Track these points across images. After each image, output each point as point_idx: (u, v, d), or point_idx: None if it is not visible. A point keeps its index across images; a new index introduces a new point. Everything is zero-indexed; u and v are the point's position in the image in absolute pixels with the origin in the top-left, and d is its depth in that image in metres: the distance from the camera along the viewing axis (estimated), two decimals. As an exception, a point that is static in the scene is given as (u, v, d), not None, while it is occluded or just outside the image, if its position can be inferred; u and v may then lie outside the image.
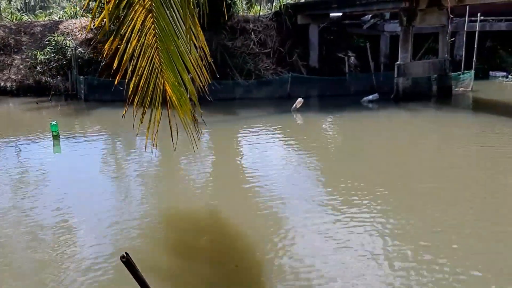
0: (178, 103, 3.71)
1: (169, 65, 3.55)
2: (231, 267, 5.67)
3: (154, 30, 3.49)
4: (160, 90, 3.68)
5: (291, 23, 22.22)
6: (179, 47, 3.51)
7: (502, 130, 12.71)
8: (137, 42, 3.48)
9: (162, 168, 10.13)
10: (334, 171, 9.59)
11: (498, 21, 22.65)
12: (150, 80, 3.64)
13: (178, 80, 3.59)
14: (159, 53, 3.58)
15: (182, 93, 3.66)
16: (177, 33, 3.48)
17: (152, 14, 3.41)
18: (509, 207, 7.32)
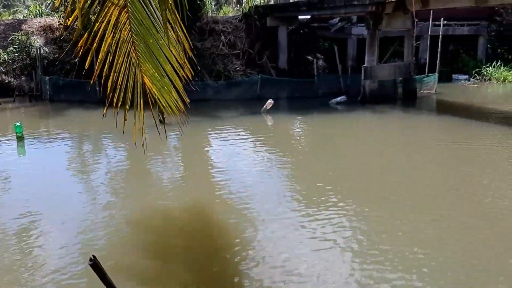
0: (159, 93, 3.72)
1: (148, 58, 3.56)
2: (206, 267, 5.68)
3: (129, 25, 3.49)
4: (140, 84, 3.67)
5: (260, 25, 22.34)
6: (158, 40, 3.53)
7: (464, 129, 13.24)
8: (112, 38, 3.47)
9: (131, 169, 10.02)
10: (304, 171, 9.72)
11: (461, 25, 23.43)
12: (129, 75, 3.63)
13: (159, 71, 3.60)
14: (135, 47, 3.58)
15: (164, 84, 3.67)
16: (156, 26, 3.50)
17: (127, 9, 3.42)
18: (476, 198, 7.60)
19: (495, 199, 7.88)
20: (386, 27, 17.51)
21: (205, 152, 11.69)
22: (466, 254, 5.88)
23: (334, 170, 9.64)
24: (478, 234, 6.45)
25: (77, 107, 16.84)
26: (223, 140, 12.54)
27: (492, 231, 6.57)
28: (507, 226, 6.76)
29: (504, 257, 5.75)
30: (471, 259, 5.75)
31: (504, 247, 6.00)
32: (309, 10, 20.76)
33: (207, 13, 24.21)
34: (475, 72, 22.87)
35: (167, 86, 3.67)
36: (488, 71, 22.75)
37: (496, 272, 5.39)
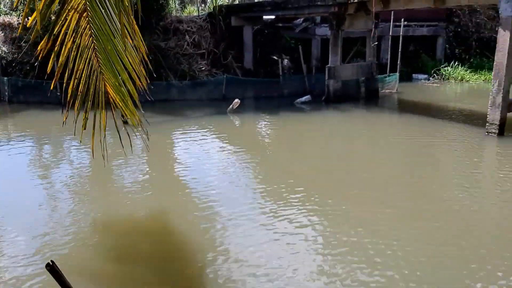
0: (122, 104, 3.64)
1: (108, 65, 3.48)
2: (174, 269, 5.65)
3: (90, 30, 3.41)
4: (102, 92, 3.58)
5: (225, 24, 22.32)
6: (116, 46, 3.45)
7: (423, 126, 13.68)
8: (72, 43, 3.38)
9: (94, 172, 9.83)
10: (271, 169, 9.80)
11: (420, 26, 24.11)
12: (90, 83, 3.53)
13: (119, 80, 3.53)
14: (96, 54, 3.49)
15: (124, 94, 3.60)
16: (114, 32, 3.42)
17: (87, 13, 3.33)
18: (433, 190, 7.87)
19: (453, 191, 8.19)
20: (348, 27, 17.83)
21: (171, 152, 11.60)
22: (425, 241, 6.08)
23: (300, 168, 9.78)
24: (436, 223, 6.68)
25: (37, 108, 16.36)
26: (189, 140, 12.47)
27: (449, 219, 6.82)
28: (462, 215, 7.04)
29: (462, 244, 5.99)
30: (432, 247, 5.95)
31: (461, 235, 6.25)
32: (273, 10, 20.90)
33: (171, 13, 23.99)
34: (434, 71, 23.60)
35: (124, 96, 3.60)
36: (447, 70, 23.52)
37: (456, 257, 5.61)
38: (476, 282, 5.22)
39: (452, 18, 25.50)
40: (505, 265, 5.56)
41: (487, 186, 8.91)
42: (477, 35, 25.58)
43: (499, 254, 5.84)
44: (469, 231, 6.62)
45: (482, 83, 22.20)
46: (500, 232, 6.67)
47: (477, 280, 5.24)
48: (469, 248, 6.05)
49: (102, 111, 3.60)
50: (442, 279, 5.26)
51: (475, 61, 24.61)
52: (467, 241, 6.27)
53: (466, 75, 23.13)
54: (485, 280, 5.24)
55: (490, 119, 11.91)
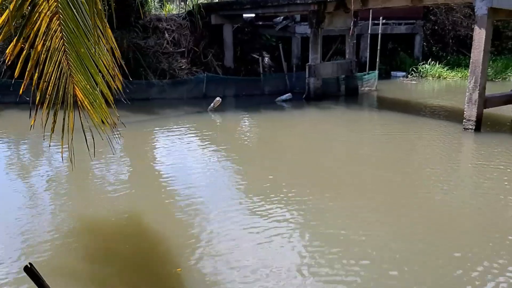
0: (90, 107, 3.60)
1: (80, 68, 3.43)
2: (154, 269, 5.61)
3: (61, 33, 3.35)
4: (70, 95, 3.53)
5: (205, 23, 22.23)
6: (90, 49, 3.40)
7: (402, 122, 13.90)
8: (42, 46, 3.31)
9: (75, 174, 9.66)
10: (252, 167, 9.80)
11: (398, 24, 24.42)
12: (59, 85, 3.48)
13: (91, 83, 3.48)
14: (67, 56, 3.44)
15: (96, 97, 3.55)
16: (87, 35, 3.37)
17: (59, 16, 3.27)
18: (412, 184, 7.99)
19: (431, 186, 8.34)
20: (328, 26, 17.95)
21: (151, 152, 11.50)
22: (402, 234, 6.18)
23: (281, 165, 9.82)
24: (414, 216, 6.79)
25: (11, 108, 16.03)
26: (170, 139, 12.40)
27: (427, 212, 6.93)
28: (440, 208, 7.17)
29: (438, 237, 6.11)
30: (409, 238, 6.04)
31: (438, 228, 6.37)
32: (253, 9, 20.90)
33: (150, 11, 23.79)
34: (412, 69, 23.94)
35: (98, 99, 3.56)
36: (424, 68, 23.88)
37: (430, 247, 5.71)
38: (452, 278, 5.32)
39: (429, 16, 25.91)
40: (482, 258, 5.68)
41: (463, 180, 9.09)
42: (453, 33, 26.05)
43: (475, 247, 5.96)
44: (445, 224, 6.74)
45: (459, 80, 22.62)
46: (476, 225, 6.82)
47: (455, 278, 5.35)
48: (446, 240, 6.16)
49: (71, 113, 3.55)
50: (418, 271, 5.35)
51: (452, 59, 25.07)
52: (443, 234, 6.38)
53: (443, 72, 23.54)
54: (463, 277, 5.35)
55: (467, 115, 12.14)
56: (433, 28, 25.99)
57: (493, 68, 22.46)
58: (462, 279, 5.23)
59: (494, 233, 6.41)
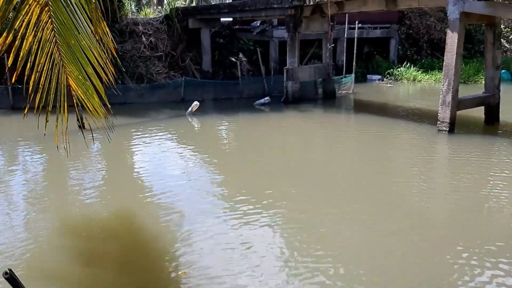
0: (84, 97, 3.63)
1: (71, 59, 3.47)
2: (135, 271, 5.59)
3: (51, 25, 3.38)
4: (64, 85, 3.55)
5: (182, 26, 22.20)
6: (80, 41, 3.45)
7: (377, 124, 14.10)
8: (33, 37, 3.34)
9: (52, 177, 9.57)
10: (231, 170, 9.82)
11: (374, 28, 24.82)
12: (52, 76, 3.50)
13: (83, 74, 3.52)
14: (59, 47, 3.47)
15: (88, 87, 3.59)
16: (78, 27, 3.42)
17: (49, 7, 3.31)
18: (386, 183, 8.14)
19: (405, 187, 8.50)
20: (305, 30, 18.13)
21: (130, 156, 11.41)
22: (377, 236, 6.30)
23: (259, 168, 9.86)
24: (387, 217, 6.91)
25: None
26: (148, 143, 12.32)
27: (401, 213, 7.07)
28: (414, 209, 7.32)
29: (412, 238, 6.24)
30: (382, 239, 6.16)
31: (412, 229, 6.51)
32: (230, 13, 20.98)
33: (127, 15, 23.63)
34: (387, 72, 24.34)
35: (89, 89, 3.61)
36: (399, 71, 24.31)
37: (408, 248, 5.83)
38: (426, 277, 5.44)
39: (404, 20, 26.40)
40: (457, 256, 5.82)
41: (437, 181, 9.30)
42: (427, 37, 26.59)
43: (450, 247, 6.11)
44: (420, 225, 6.88)
45: (433, 83, 23.09)
46: (450, 225, 6.99)
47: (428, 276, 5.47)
48: (419, 241, 6.30)
49: (65, 103, 3.58)
50: (391, 269, 5.46)
51: (426, 62, 25.57)
52: (417, 235, 6.52)
53: (418, 76, 23.99)
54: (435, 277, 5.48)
55: (441, 117, 12.41)
56: (408, 32, 26.49)
57: (465, 71, 23.01)
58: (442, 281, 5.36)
59: (470, 233, 6.57)
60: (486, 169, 9.61)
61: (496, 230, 6.63)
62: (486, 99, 13.39)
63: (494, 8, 11.29)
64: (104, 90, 3.74)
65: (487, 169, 9.61)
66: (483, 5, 11.37)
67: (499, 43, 13.26)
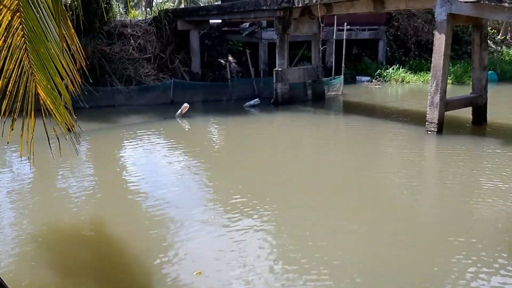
0: (53, 107, 3.57)
1: (40, 67, 3.42)
2: (121, 276, 5.53)
3: (22, 31, 3.33)
4: (32, 94, 3.50)
5: (171, 28, 22.13)
6: (49, 50, 3.40)
7: (367, 125, 14.15)
8: (3, 42, 3.29)
9: (37, 181, 9.44)
10: (221, 176, 9.77)
11: (362, 30, 24.96)
12: (20, 83, 3.45)
13: (51, 83, 3.47)
14: (28, 55, 3.42)
15: (56, 97, 3.54)
16: (47, 35, 3.37)
17: (20, 14, 3.26)
18: (376, 183, 8.17)
19: (395, 187, 8.55)
20: (294, 31, 18.16)
21: (118, 159, 11.32)
22: (365, 235, 6.32)
23: (249, 170, 9.84)
24: (377, 217, 6.94)
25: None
26: (137, 146, 12.23)
27: (390, 213, 7.10)
28: (403, 209, 7.36)
29: (400, 239, 6.27)
30: (370, 240, 6.18)
31: (400, 229, 6.54)
32: (219, 15, 20.95)
33: (115, 17, 23.50)
34: (376, 73, 24.48)
35: (57, 99, 3.55)
36: (388, 72, 24.47)
37: (396, 250, 5.85)
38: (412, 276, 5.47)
39: (392, 22, 26.58)
40: (444, 256, 5.86)
41: (425, 181, 9.36)
42: (415, 38, 26.82)
43: (437, 246, 6.15)
44: (407, 225, 6.92)
45: (421, 84, 23.26)
46: (440, 226, 7.03)
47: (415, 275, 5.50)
48: (408, 242, 6.33)
49: (32, 112, 3.53)
50: (378, 270, 5.48)
51: (414, 63, 25.77)
52: (406, 235, 6.55)
53: (406, 77, 24.17)
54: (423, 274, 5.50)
55: (429, 118, 12.50)
56: (396, 33, 26.67)
57: (453, 72, 23.23)
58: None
59: (457, 234, 6.62)
60: (474, 169, 9.68)
61: (483, 228, 6.67)
62: (473, 99, 13.51)
63: (481, 10, 11.39)
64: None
65: (475, 169, 9.69)
66: (470, 7, 11.47)
67: (485, 44, 13.39)
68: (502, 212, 7.19)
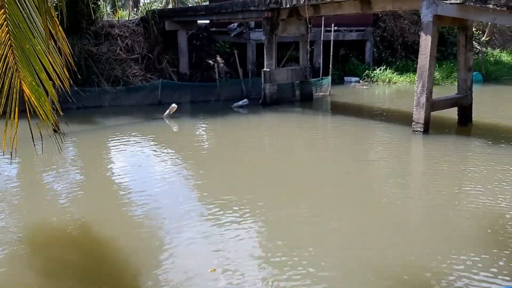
0: (37, 103, 3.55)
1: (25, 64, 3.39)
2: (108, 279, 5.50)
3: (7, 27, 3.31)
4: (16, 90, 3.47)
5: (159, 29, 22.05)
6: (35, 46, 3.39)
7: (354, 126, 14.26)
8: None
9: (22, 184, 9.34)
10: (210, 176, 9.76)
11: (350, 31, 25.11)
12: (5, 79, 3.42)
13: (36, 80, 3.45)
14: (13, 51, 3.39)
15: (41, 94, 3.51)
16: (33, 32, 3.35)
17: (5, 10, 3.24)
18: (363, 183, 8.24)
19: (382, 186, 8.63)
20: (282, 32, 18.21)
21: (106, 160, 11.25)
22: (353, 233, 6.38)
23: (238, 171, 9.85)
24: (365, 217, 7.00)
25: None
26: (124, 147, 12.16)
27: (377, 213, 7.17)
28: (390, 207, 7.44)
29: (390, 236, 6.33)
30: (359, 239, 6.24)
31: (389, 227, 6.60)
32: (207, 15, 20.93)
33: (102, 17, 23.35)
34: (364, 74, 24.64)
35: (42, 96, 3.53)
36: (375, 73, 24.65)
37: (382, 250, 5.92)
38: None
39: (378, 23, 26.78)
40: (431, 255, 5.93)
41: (412, 181, 9.45)
42: (402, 39, 27.04)
43: (426, 244, 6.22)
44: (396, 223, 6.99)
45: (408, 84, 23.47)
46: (422, 224, 7.11)
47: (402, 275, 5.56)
48: (394, 240, 6.40)
49: (16, 108, 3.50)
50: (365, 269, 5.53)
51: (401, 64, 25.99)
52: (393, 235, 6.62)
53: (393, 77, 24.37)
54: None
55: (416, 118, 12.63)
56: (383, 34, 26.87)
57: (439, 72, 23.48)
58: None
59: (445, 233, 6.70)
60: (460, 168, 9.81)
61: (471, 228, 6.77)
62: (459, 100, 13.68)
63: (466, 12, 11.55)
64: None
65: (461, 168, 9.82)
66: (455, 8, 11.62)
67: (471, 45, 13.56)
68: (488, 211, 7.29)
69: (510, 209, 7.29)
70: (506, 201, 7.63)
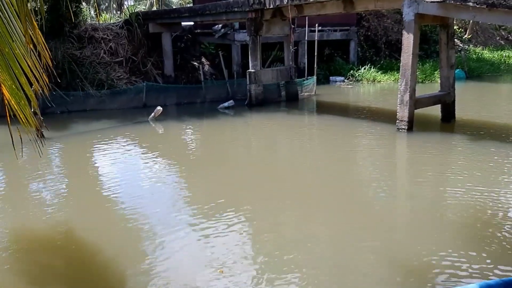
0: (17, 107, 3.52)
1: (5, 67, 3.37)
2: (93, 285, 5.46)
3: None
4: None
5: (143, 31, 21.96)
6: (14, 50, 3.37)
7: (339, 125, 14.38)
8: None
9: (4, 187, 9.22)
10: (197, 179, 9.74)
11: (334, 31, 25.25)
12: None
13: (16, 84, 3.43)
14: None
15: (21, 98, 3.50)
16: (12, 35, 3.34)
17: None
18: (348, 181, 8.29)
19: (366, 184, 8.69)
20: (266, 33, 18.25)
21: (91, 164, 11.14)
22: (338, 232, 6.42)
23: (225, 172, 9.83)
24: (349, 215, 7.05)
25: None
26: (109, 152, 12.05)
27: (362, 210, 7.22)
28: (375, 206, 7.50)
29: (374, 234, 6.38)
30: (343, 237, 6.28)
31: (374, 226, 6.66)
32: (191, 17, 20.89)
33: (86, 20, 23.18)
34: (349, 74, 24.81)
35: (22, 100, 3.51)
36: (360, 72, 24.82)
37: (369, 249, 5.96)
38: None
39: (362, 22, 27.00)
40: (417, 253, 5.99)
41: (396, 179, 9.54)
42: (385, 38, 27.31)
43: (409, 247, 6.28)
44: (378, 224, 7.05)
45: (392, 83, 23.68)
46: (407, 224, 7.18)
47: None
48: (378, 240, 6.45)
49: None
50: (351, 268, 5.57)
51: (385, 63, 26.23)
52: (376, 235, 6.67)
53: (378, 76, 24.57)
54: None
55: (399, 116, 12.74)
56: (366, 34, 27.10)
57: (422, 70, 23.73)
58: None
59: (431, 232, 6.78)
60: (444, 165, 9.92)
61: (456, 226, 6.85)
62: (442, 97, 13.84)
63: (446, 10, 11.70)
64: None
65: (445, 165, 9.92)
66: (436, 6, 11.76)
67: (452, 43, 13.74)
68: (472, 208, 7.37)
69: (495, 204, 7.39)
70: (491, 197, 7.72)
